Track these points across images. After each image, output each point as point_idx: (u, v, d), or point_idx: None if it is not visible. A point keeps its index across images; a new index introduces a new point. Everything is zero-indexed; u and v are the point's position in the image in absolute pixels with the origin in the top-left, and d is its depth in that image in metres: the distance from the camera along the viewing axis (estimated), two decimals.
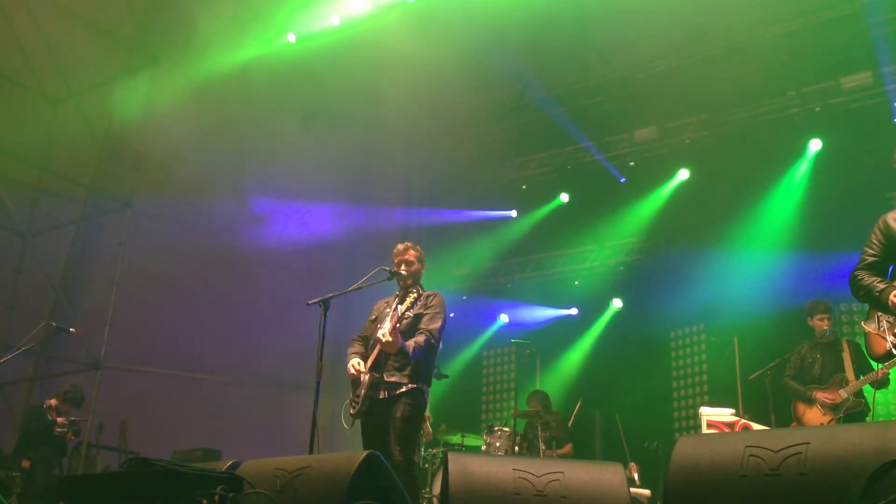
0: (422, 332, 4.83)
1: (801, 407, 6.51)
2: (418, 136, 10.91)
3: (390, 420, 4.72)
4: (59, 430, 7.31)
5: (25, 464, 7.15)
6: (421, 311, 4.95)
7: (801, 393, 6.50)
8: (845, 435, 2.48)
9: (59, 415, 7.44)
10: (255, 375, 10.14)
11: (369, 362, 4.83)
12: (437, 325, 4.90)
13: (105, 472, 7.37)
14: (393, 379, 4.78)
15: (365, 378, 4.81)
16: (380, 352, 4.81)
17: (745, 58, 8.92)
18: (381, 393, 4.79)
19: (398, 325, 4.76)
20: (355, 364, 4.90)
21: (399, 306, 4.91)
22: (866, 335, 4.04)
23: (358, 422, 4.92)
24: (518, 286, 11.05)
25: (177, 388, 9.76)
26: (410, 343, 4.75)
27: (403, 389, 4.76)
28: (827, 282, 7.61)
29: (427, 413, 7.19)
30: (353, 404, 4.85)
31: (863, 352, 5.73)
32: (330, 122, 10.33)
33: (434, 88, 9.44)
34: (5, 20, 8.97)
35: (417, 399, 4.81)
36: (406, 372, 4.78)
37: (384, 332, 4.71)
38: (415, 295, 4.96)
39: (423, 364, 4.87)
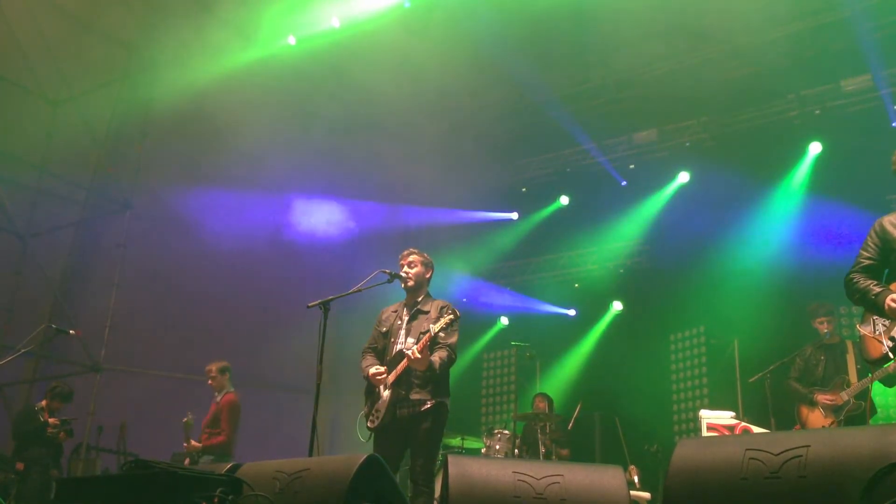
0: (442, 347, 4.81)
1: (804, 410, 6.48)
2: (419, 139, 10.91)
3: (413, 435, 4.73)
4: (52, 430, 7.27)
5: (19, 466, 7.11)
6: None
7: (804, 395, 6.48)
8: (845, 438, 2.48)
9: (50, 414, 7.40)
10: (255, 378, 10.12)
11: (392, 377, 4.79)
12: (454, 339, 4.91)
13: (104, 474, 7.35)
14: (417, 396, 4.78)
15: (386, 394, 4.79)
16: (405, 368, 4.78)
17: (745, 60, 8.94)
18: (404, 410, 4.77)
19: (425, 340, 4.72)
20: (377, 370, 4.84)
21: (431, 326, 4.75)
22: (862, 338, 4.02)
23: (369, 433, 4.90)
24: (518, 288, 11.04)
25: (176, 390, 9.74)
26: (436, 359, 4.75)
27: (428, 406, 4.76)
28: (826, 285, 7.60)
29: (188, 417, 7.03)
30: (373, 419, 4.82)
31: None
32: (330, 124, 10.33)
33: (434, 90, 9.44)
34: (5, 21, 8.96)
35: (442, 413, 4.84)
36: (429, 388, 4.78)
37: (413, 350, 4.67)
38: (438, 310, 4.92)
39: (443, 378, 4.87)
